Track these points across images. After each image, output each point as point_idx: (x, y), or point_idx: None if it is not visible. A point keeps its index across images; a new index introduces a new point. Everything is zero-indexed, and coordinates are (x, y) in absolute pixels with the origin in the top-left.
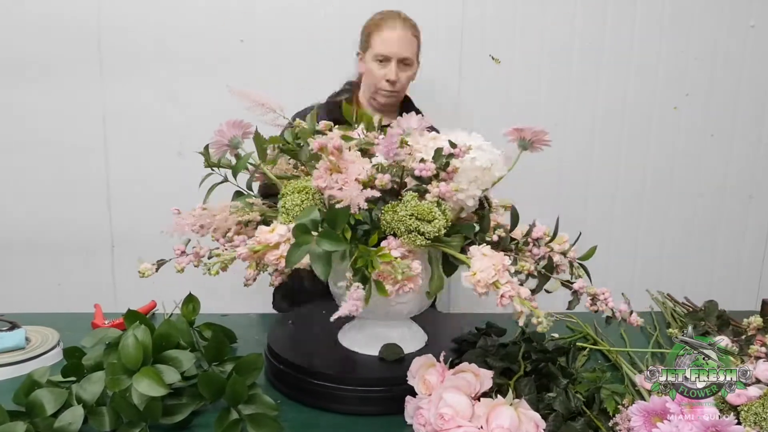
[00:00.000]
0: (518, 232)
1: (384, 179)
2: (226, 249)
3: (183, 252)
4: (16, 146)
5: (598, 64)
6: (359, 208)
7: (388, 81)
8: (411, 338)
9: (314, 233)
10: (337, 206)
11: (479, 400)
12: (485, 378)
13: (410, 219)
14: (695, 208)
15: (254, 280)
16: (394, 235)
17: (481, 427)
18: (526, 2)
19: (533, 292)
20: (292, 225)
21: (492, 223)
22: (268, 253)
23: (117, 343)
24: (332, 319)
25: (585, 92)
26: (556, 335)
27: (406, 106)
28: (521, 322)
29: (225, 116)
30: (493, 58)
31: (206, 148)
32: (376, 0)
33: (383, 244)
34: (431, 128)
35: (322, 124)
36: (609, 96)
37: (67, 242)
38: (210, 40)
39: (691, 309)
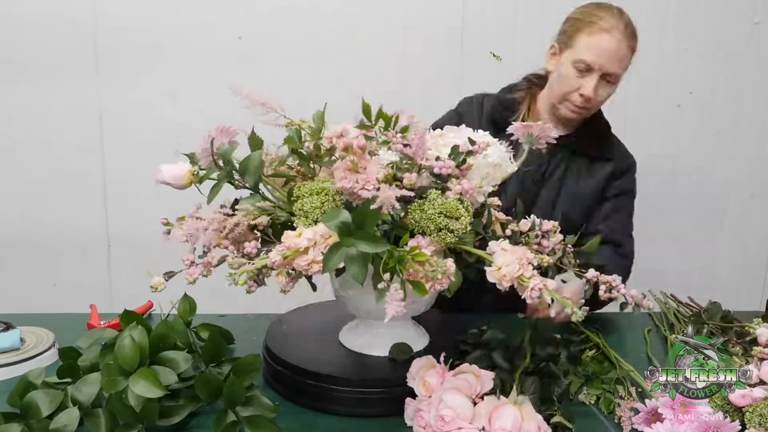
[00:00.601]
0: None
1: (412, 178)
2: (236, 256)
3: (192, 262)
4: (12, 145)
5: None
6: (392, 208)
7: (582, 96)
8: (415, 337)
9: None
10: (371, 207)
11: (483, 399)
12: (486, 379)
13: (439, 217)
14: (698, 207)
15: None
16: (422, 233)
17: (483, 429)
18: (527, 1)
19: None
20: (317, 228)
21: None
22: (297, 258)
23: (113, 344)
24: (385, 321)
25: None
26: (558, 336)
27: (593, 119)
28: (553, 313)
29: (223, 114)
30: (494, 56)
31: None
32: None
33: (412, 243)
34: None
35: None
36: None
37: (63, 242)
38: (207, 37)
39: (695, 309)
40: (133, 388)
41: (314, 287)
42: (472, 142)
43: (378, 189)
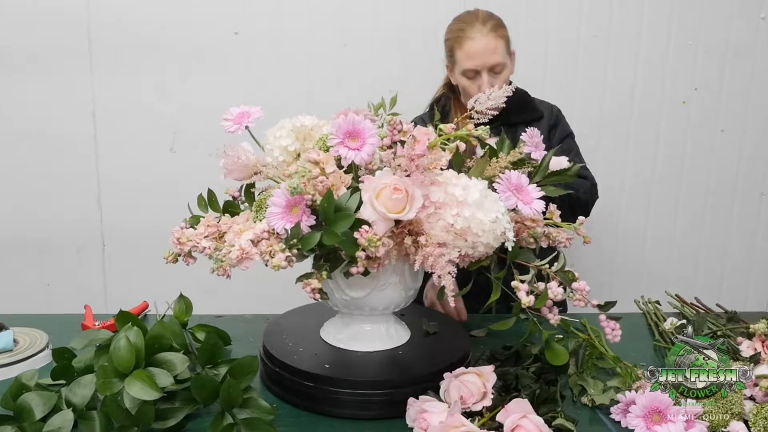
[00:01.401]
0: None
1: None
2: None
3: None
4: (4, 142)
5: (605, 57)
6: None
7: (483, 93)
8: (397, 332)
9: None
10: None
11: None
12: (488, 375)
13: None
14: (705, 206)
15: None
16: None
17: None
18: None
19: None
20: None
21: None
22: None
23: (108, 346)
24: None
25: (590, 86)
26: (560, 336)
27: (518, 99)
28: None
29: (218, 111)
30: None
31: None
32: None
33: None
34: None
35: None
36: (615, 90)
37: (57, 241)
38: (203, 32)
39: (701, 310)
40: (129, 390)
41: None
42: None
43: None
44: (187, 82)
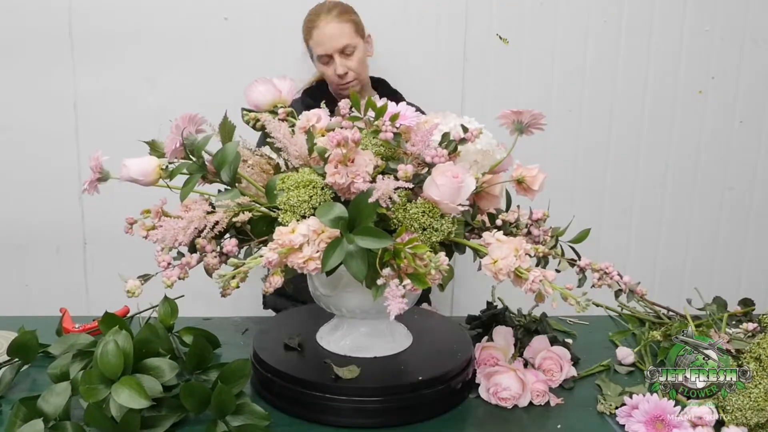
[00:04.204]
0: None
1: (408, 170)
2: (215, 256)
3: (169, 264)
4: None
5: (616, 44)
6: (392, 201)
7: (337, 75)
8: (400, 336)
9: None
10: (370, 200)
11: None
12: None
13: (423, 216)
14: (721, 200)
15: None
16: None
17: None
18: None
19: None
20: (310, 223)
21: None
22: (291, 256)
23: (87, 351)
24: (391, 318)
25: (601, 75)
26: (569, 341)
27: (380, 87)
28: (554, 305)
29: (206, 101)
30: (500, 38)
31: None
32: None
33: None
34: (417, 110)
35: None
36: (627, 79)
37: (36, 239)
38: (191, 18)
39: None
40: (116, 397)
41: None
42: (464, 129)
43: (370, 181)
44: (174, 71)
